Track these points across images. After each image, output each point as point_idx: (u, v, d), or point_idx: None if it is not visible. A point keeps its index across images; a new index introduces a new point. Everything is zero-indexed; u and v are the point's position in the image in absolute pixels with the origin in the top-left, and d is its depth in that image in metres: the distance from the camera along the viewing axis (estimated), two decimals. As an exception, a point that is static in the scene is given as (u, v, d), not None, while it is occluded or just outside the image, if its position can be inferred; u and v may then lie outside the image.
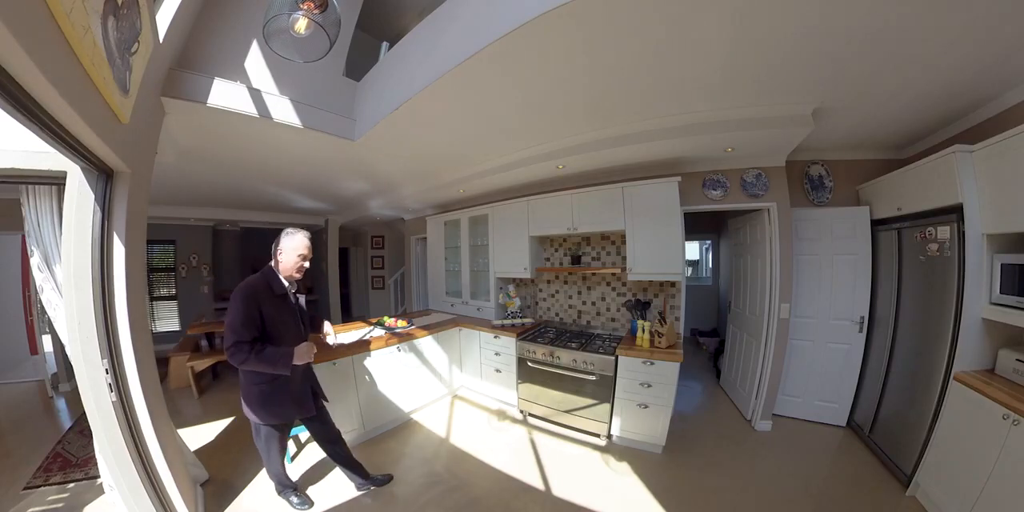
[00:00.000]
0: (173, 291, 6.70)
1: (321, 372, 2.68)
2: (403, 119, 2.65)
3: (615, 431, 3.15)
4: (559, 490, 2.60)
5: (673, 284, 3.57)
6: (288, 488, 2.51)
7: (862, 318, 3.29)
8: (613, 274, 3.92)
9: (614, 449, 3.11)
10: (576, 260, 4.08)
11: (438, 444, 3.25)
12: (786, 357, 3.42)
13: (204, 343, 5.24)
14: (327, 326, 2.62)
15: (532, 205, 4.02)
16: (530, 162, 3.48)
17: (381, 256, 9.00)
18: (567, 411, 3.37)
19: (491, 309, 4.45)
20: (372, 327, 3.89)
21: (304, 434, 3.26)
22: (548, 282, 4.44)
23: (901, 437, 2.74)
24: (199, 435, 3.37)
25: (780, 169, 3.32)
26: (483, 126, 2.88)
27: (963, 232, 2.33)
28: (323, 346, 2.93)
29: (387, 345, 3.42)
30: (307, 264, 2.25)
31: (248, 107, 2.49)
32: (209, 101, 2.34)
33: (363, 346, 3.25)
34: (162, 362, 3.01)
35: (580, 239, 4.16)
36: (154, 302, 6.49)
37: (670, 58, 1.96)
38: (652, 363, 2.93)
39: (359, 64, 3.21)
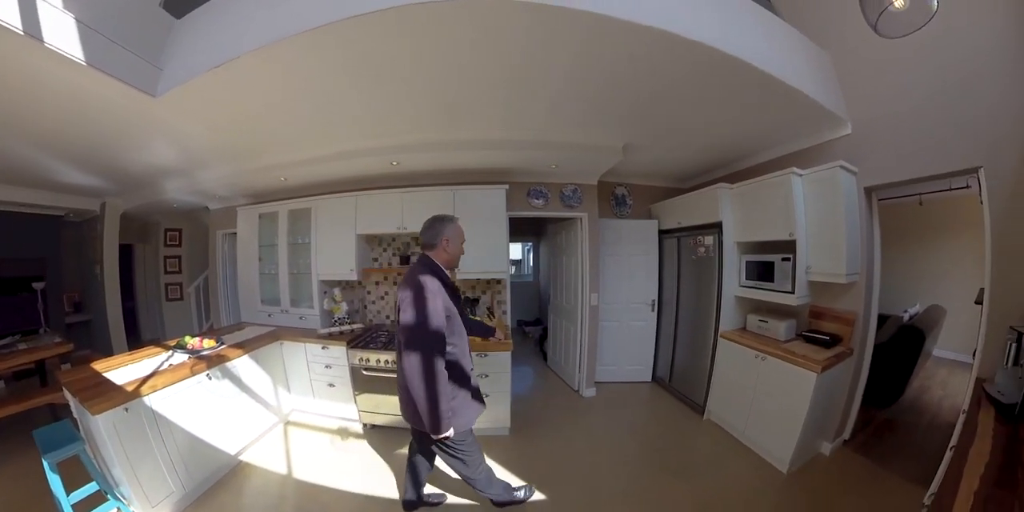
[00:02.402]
0: None
1: (108, 423, 2.12)
2: (227, 80, 2.10)
3: None
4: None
5: (499, 281, 4.00)
6: (508, 485, 2.39)
7: (653, 301, 4.42)
8: None
9: None
10: (405, 260, 4.00)
11: (281, 484, 2.80)
12: (599, 336, 4.26)
13: None
14: None
15: (361, 201, 3.77)
16: (365, 154, 3.25)
17: (178, 256, 6.87)
18: None
19: (316, 317, 3.93)
20: (171, 352, 3.02)
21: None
22: (376, 284, 4.28)
23: (692, 381, 3.85)
24: None
25: (593, 187, 4.14)
26: (324, 108, 2.54)
27: (721, 240, 3.48)
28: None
29: (193, 373, 2.68)
30: None
31: (10, 14, 1.59)
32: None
33: (161, 379, 2.48)
34: None
35: (410, 239, 4.13)
36: None
37: (515, 81, 2.22)
38: (485, 355, 3.14)
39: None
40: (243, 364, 3.17)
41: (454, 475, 2.42)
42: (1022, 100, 2.03)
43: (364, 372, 3.30)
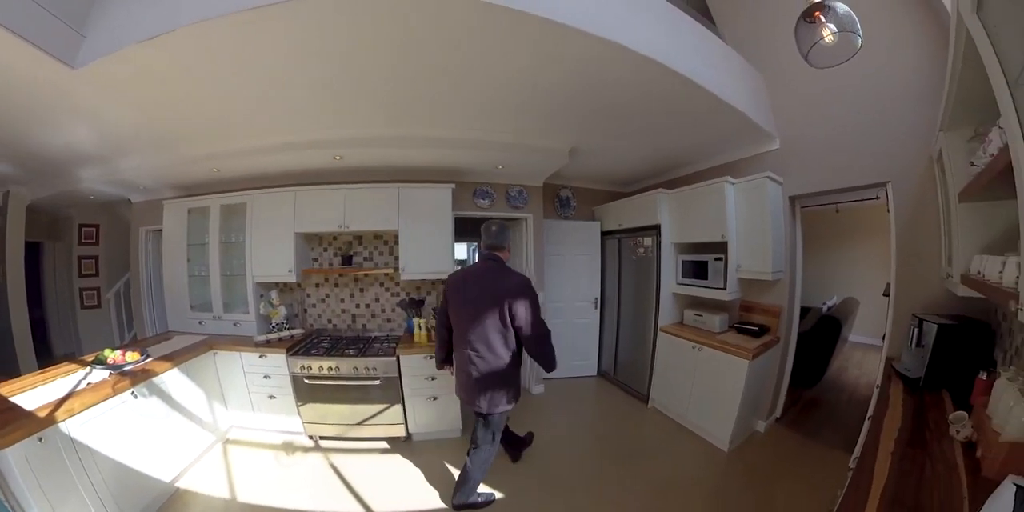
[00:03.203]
0: None
1: (19, 457, 1.82)
2: (159, 56, 1.84)
3: (413, 429, 3.23)
4: (379, 505, 2.57)
5: (444, 281, 4.00)
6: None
7: (596, 299, 4.61)
8: (386, 274, 3.86)
9: (418, 446, 3.20)
10: (347, 260, 3.81)
11: (224, 509, 2.57)
12: None
13: None
14: None
15: (301, 197, 3.53)
16: (307, 147, 3.06)
17: (95, 256, 5.97)
18: (360, 423, 3.20)
19: (251, 323, 3.63)
20: (89, 368, 2.62)
21: None
22: (317, 286, 4.00)
23: (636, 373, 4.10)
24: None
25: (538, 188, 4.27)
26: (265, 94, 2.33)
27: (660, 242, 3.73)
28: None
29: (116, 392, 2.34)
30: None
31: None
32: None
33: (79, 401, 2.14)
34: None
35: (352, 238, 3.92)
36: None
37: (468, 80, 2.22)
38: (433, 357, 3.05)
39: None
40: (173, 378, 2.84)
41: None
42: (924, 128, 2.35)
43: (307, 381, 3.12)
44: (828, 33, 1.42)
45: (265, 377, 3.24)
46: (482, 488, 2.56)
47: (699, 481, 2.76)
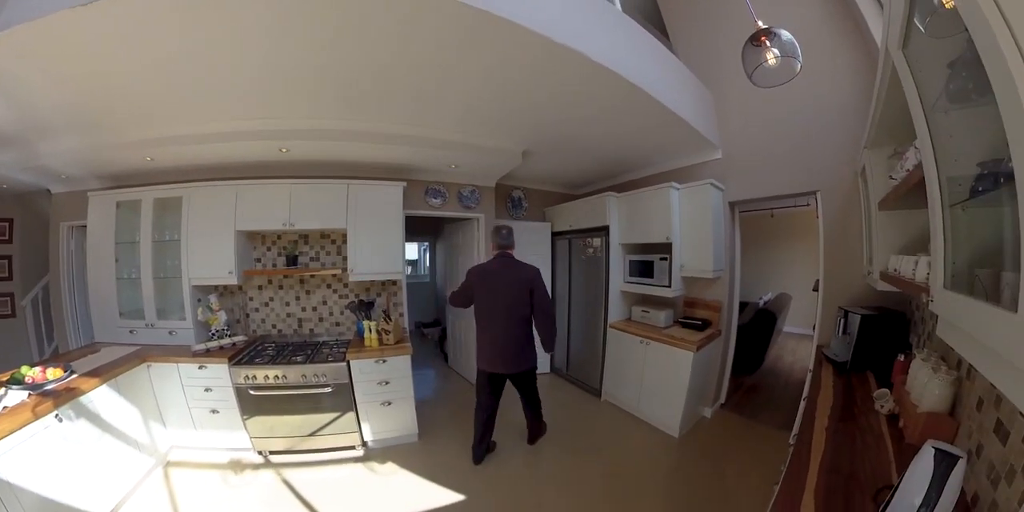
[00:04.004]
0: None
1: None
2: (90, 19, 1.58)
3: (368, 437, 3.12)
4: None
5: (395, 283, 3.77)
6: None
7: None
8: (334, 275, 3.68)
9: (374, 454, 3.10)
10: (292, 261, 3.55)
11: None
12: None
13: None
14: None
15: (243, 192, 3.26)
16: (252, 137, 2.84)
17: (8, 256, 5.06)
18: (312, 434, 3.03)
19: (189, 331, 3.34)
20: (3, 390, 2.26)
21: None
22: (260, 288, 3.70)
23: (587, 368, 4.26)
24: None
25: (491, 189, 4.30)
26: (211, 75, 2.11)
27: (608, 242, 3.91)
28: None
29: (37, 416, 2.07)
30: None
31: None
32: None
33: None
34: None
35: (297, 237, 3.68)
36: None
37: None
38: (384, 361, 3.03)
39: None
40: (102, 397, 2.53)
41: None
42: (851, 145, 2.64)
43: (252, 392, 2.90)
44: (772, 57, 1.55)
45: (206, 390, 2.98)
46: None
47: (654, 466, 2.92)
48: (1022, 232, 0.56)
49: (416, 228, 6.36)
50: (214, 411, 2.99)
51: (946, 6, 0.75)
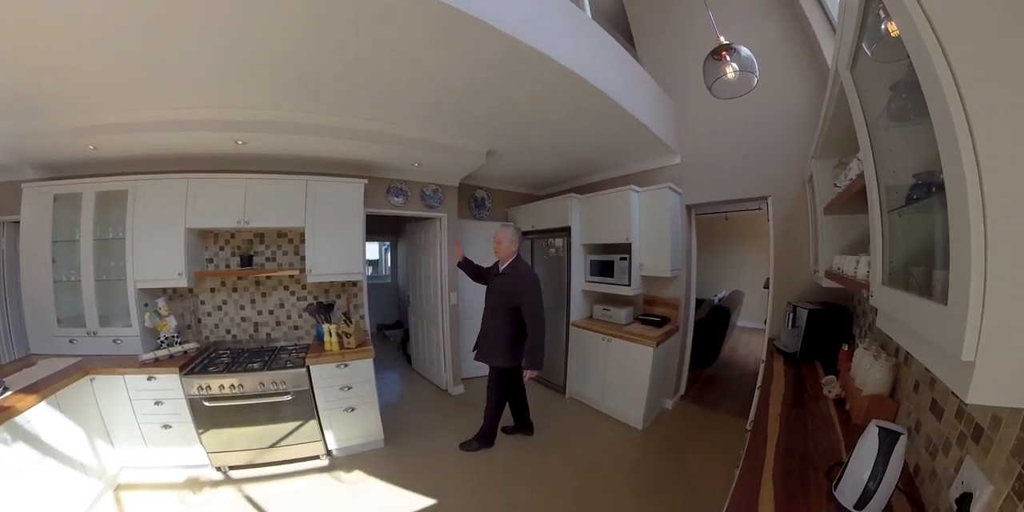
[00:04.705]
0: None
1: None
2: None
3: (333, 445, 3.03)
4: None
5: (355, 283, 3.68)
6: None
7: None
8: (291, 276, 3.52)
9: (340, 463, 3.01)
10: (247, 261, 3.35)
11: None
12: (460, 334, 4.35)
13: None
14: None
15: (194, 186, 3.04)
16: (205, 127, 2.64)
17: None
18: (273, 445, 2.89)
19: (135, 338, 3.07)
20: None
21: None
22: (212, 291, 3.47)
23: (551, 366, 4.24)
24: None
25: (454, 188, 4.28)
26: (159, 57, 1.92)
27: (570, 242, 4.02)
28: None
29: None
30: None
31: None
32: None
33: None
34: None
35: (252, 236, 3.49)
36: None
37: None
38: (346, 365, 2.96)
39: None
40: (41, 416, 2.29)
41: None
42: (800, 155, 2.85)
43: (206, 403, 2.72)
44: (731, 70, 1.67)
45: (156, 403, 2.76)
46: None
47: (620, 457, 3.05)
48: (951, 235, 0.62)
49: (377, 227, 6.22)
50: (166, 426, 2.79)
51: (892, 34, 0.83)
